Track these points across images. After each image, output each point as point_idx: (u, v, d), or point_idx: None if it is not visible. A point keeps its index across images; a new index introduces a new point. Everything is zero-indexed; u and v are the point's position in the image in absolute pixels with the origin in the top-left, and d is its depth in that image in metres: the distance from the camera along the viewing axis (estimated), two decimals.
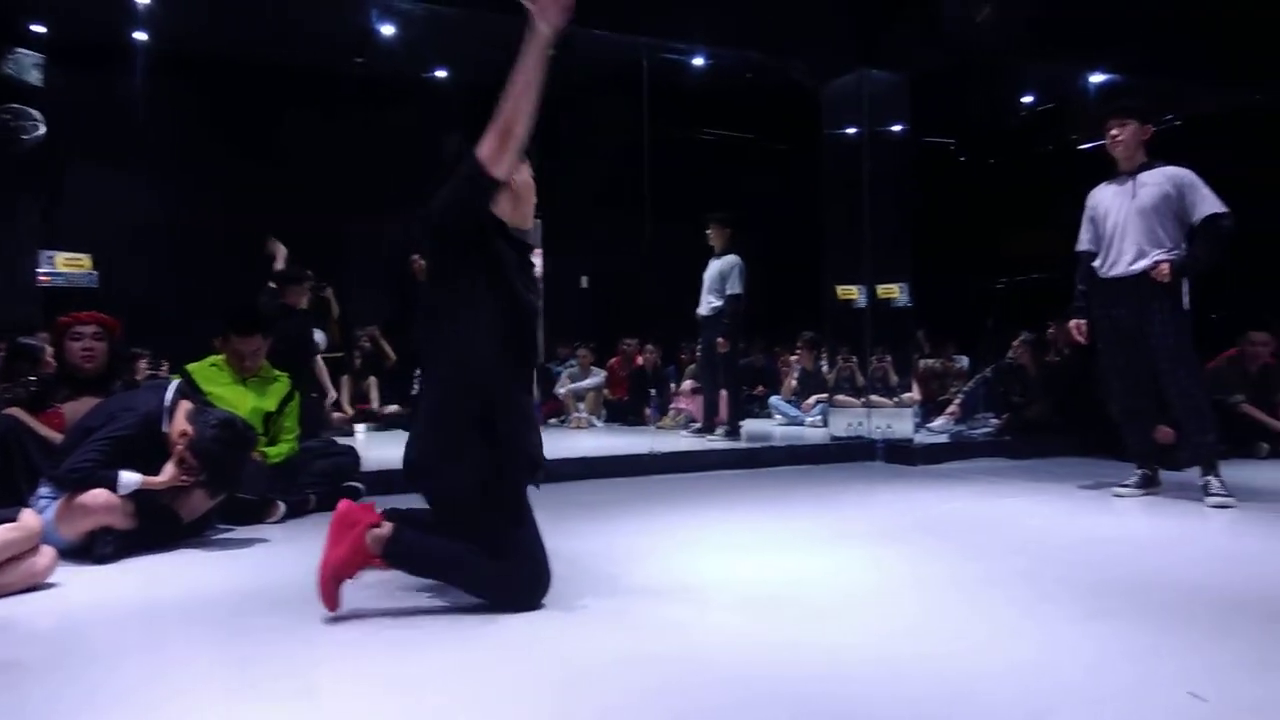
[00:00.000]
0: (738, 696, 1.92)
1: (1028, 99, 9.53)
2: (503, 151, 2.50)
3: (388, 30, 7.50)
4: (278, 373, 4.37)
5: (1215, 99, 8.42)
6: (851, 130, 6.90)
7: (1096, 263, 4.51)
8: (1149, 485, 4.54)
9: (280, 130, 8.75)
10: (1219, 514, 4.03)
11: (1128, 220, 4.36)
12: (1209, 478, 4.25)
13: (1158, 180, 4.32)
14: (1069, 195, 4.88)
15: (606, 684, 2.02)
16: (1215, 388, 5.44)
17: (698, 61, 7.95)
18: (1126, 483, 4.56)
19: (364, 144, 8.80)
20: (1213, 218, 4.20)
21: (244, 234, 7.69)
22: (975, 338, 8.60)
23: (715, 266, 6.97)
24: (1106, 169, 4.61)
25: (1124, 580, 2.87)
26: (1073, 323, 4.62)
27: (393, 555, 2.57)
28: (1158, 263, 4.22)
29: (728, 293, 6.81)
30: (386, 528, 2.56)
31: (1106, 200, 4.50)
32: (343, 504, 2.62)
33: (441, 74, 9.37)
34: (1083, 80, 8.30)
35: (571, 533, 3.76)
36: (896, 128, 6.77)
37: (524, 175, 2.72)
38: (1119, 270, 4.38)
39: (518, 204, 2.69)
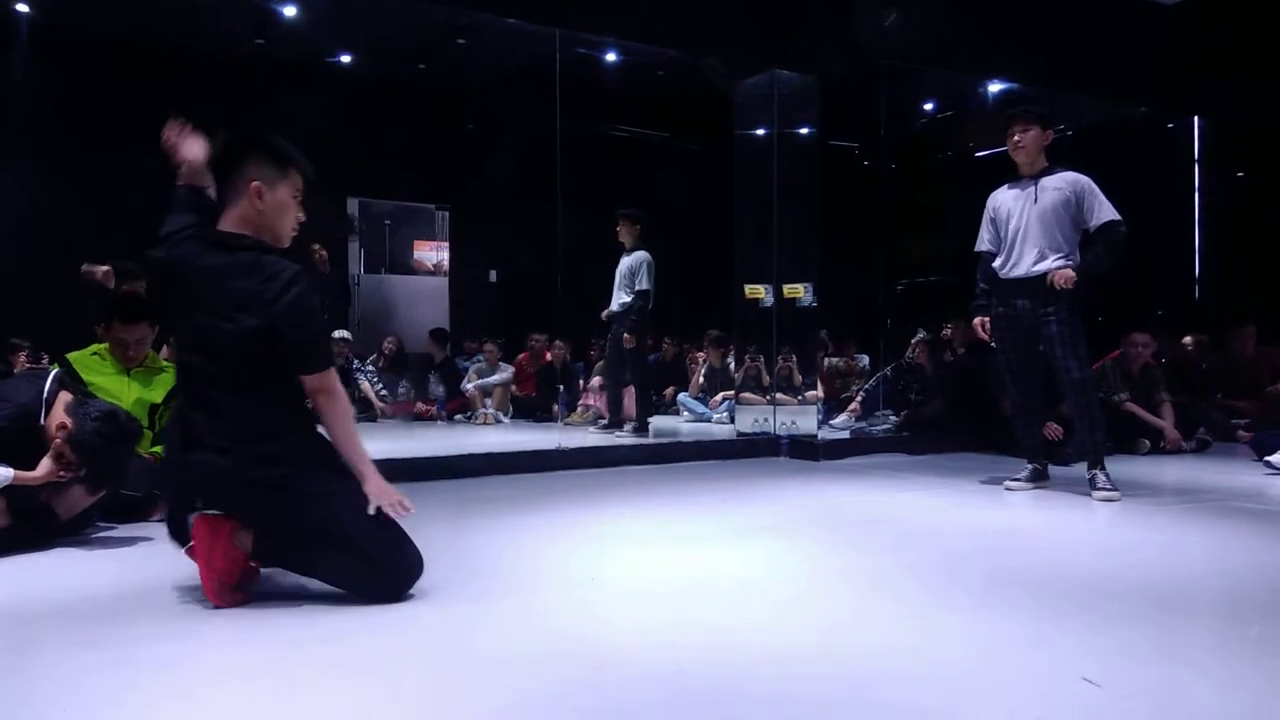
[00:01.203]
0: (644, 694, 1.90)
1: (929, 106, 9.82)
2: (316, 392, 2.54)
3: (289, 12, 7.26)
4: (165, 363, 4.17)
5: (1103, 111, 8.82)
6: (761, 131, 6.97)
7: (997, 263, 4.63)
8: (1038, 479, 4.70)
9: (170, 113, 8.36)
10: (1105, 507, 4.21)
11: (1029, 223, 4.49)
12: (1095, 472, 4.42)
13: (1058, 185, 4.46)
14: (966, 201, 5.03)
15: (511, 681, 1.98)
16: (1100, 386, 5.69)
17: (611, 57, 7.94)
18: (1017, 477, 4.71)
19: (261, 128, 8.49)
20: (1110, 224, 4.35)
21: (129, 220, 7.35)
22: (876, 337, 8.81)
23: (625, 263, 6.97)
24: (1003, 176, 4.75)
25: (1016, 571, 2.96)
26: (976, 320, 4.75)
27: (262, 553, 2.55)
28: (1060, 269, 4.35)
29: (637, 288, 6.83)
30: (248, 530, 2.53)
31: (1008, 203, 4.61)
32: (197, 518, 2.53)
33: (345, 59, 9.13)
34: (981, 90, 8.58)
35: (476, 529, 3.70)
36: (805, 130, 6.87)
37: (280, 195, 2.59)
38: (1020, 271, 4.51)
39: (275, 223, 2.59)
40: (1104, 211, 4.37)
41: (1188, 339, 7.61)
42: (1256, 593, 2.74)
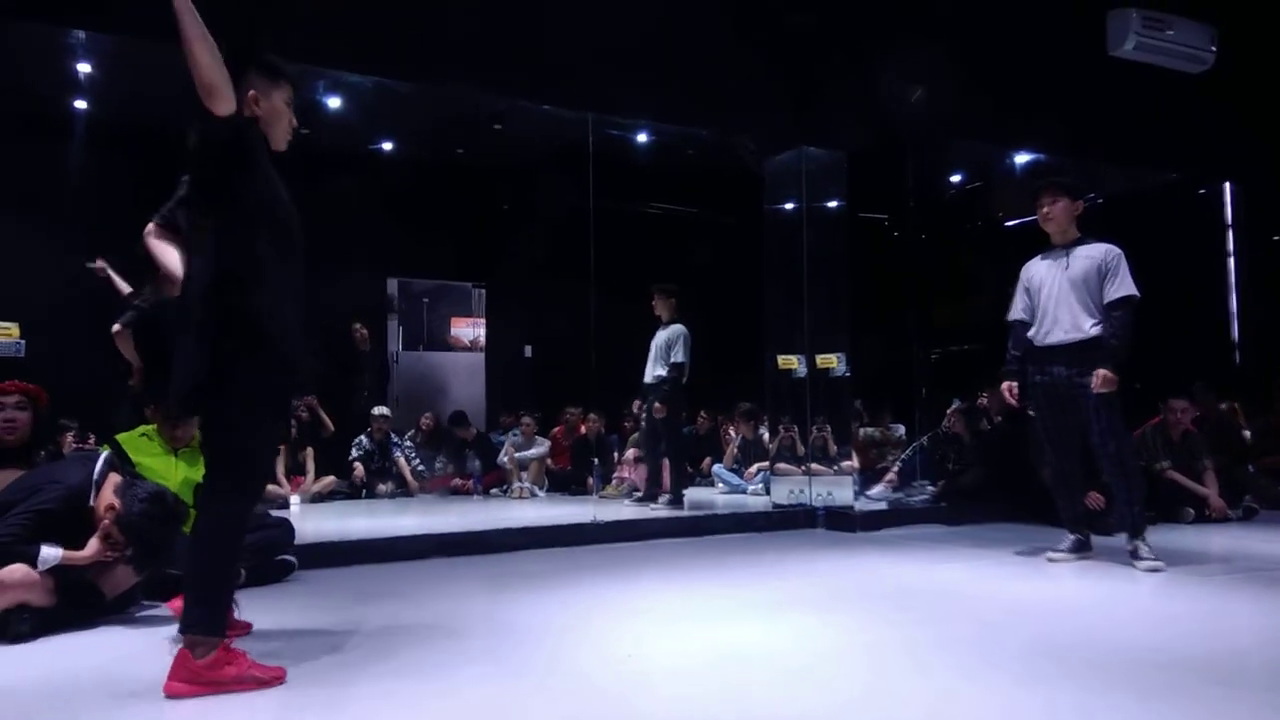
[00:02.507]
0: None
1: (957, 178, 9.91)
2: (209, 96, 2.49)
3: (334, 103, 7.57)
4: None
5: (1133, 179, 8.85)
6: (790, 205, 7.09)
7: (1032, 331, 4.65)
8: (1081, 550, 4.63)
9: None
10: (1149, 577, 4.13)
11: (1061, 291, 4.52)
12: (1138, 542, 4.36)
13: (1090, 254, 4.50)
14: (996, 269, 5.07)
15: None
16: (1141, 454, 5.61)
17: (642, 137, 8.14)
18: (1059, 548, 4.64)
19: (305, 213, 8.78)
20: (1120, 301, 4.38)
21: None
22: (911, 406, 8.77)
23: (662, 336, 7.07)
24: (1031, 244, 4.79)
25: (1055, 644, 2.92)
26: (1005, 384, 4.75)
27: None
28: (1096, 374, 4.30)
29: (672, 360, 6.90)
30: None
31: (1041, 273, 4.65)
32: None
33: (386, 145, 9.45)
34: (1009, 160, 8.67)
35: (515, 603, 3.72)
36: (834, 203, 6.98)
37: (274, 101, 2.80)
38: (1054, 339, 4.53)
39: (271, 128, 2.80)
40: (1121, 287, 4.40)
41: (1224, 405, 7.49)
42: None
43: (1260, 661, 2.79)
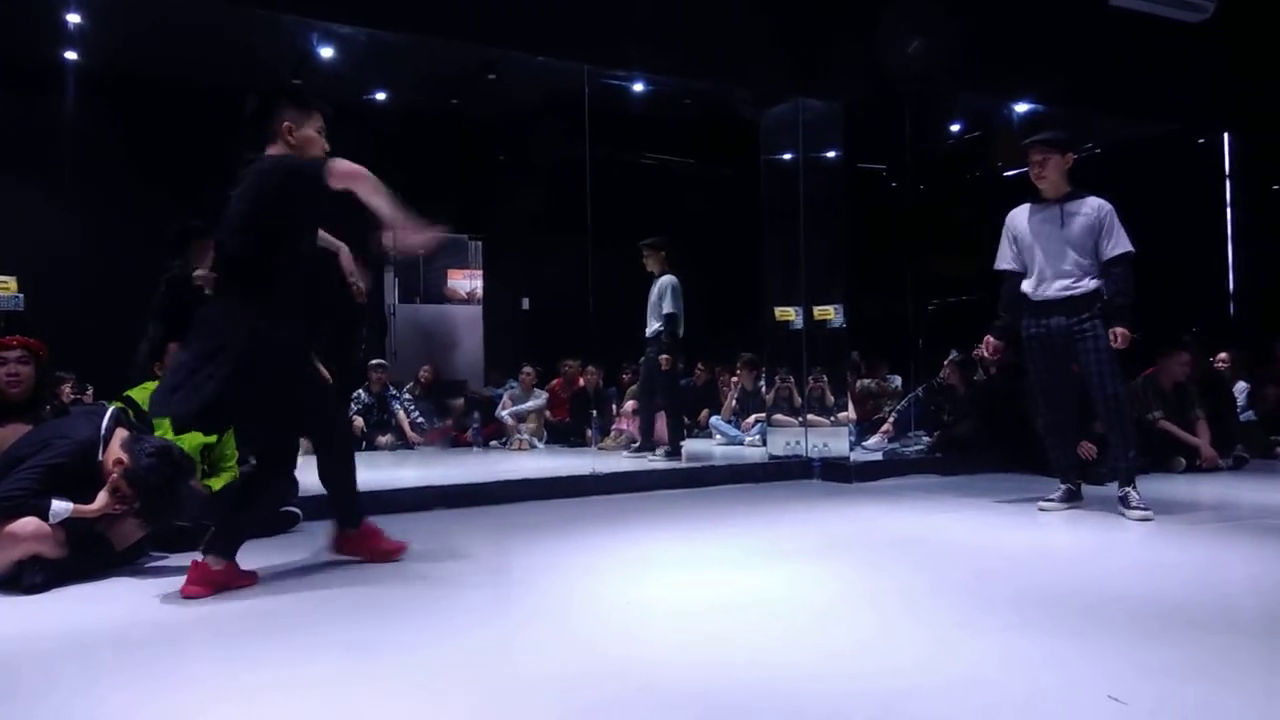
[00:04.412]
0: (681, 712, 1.97)
1: (955, 128, 9.84)
2: (348, 181, 3.08)
3: (326, 53, 7.47)
4: None
5: (1132, 128, 8.80)
6: (788, 156, 7.06)
7: (1028, 286, 4.65)
8: (1072, 499, 4.71)
9: (216, 154, 8.60)
10: (1139, 526, 4.21)
11: (1057, 248, 4.53)
12: (1128, 490, 4.43)
13: (1085, 211, 4.51)
14: (995, 221, 5.06)
15: (555, 699, 2.06)
16: (1134, 405, 5.67)
17: (638, 87, 8.06)
18: (1050, 497, 4.72)
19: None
20: (1121, 258, 4.43)
21: (172, 254, 7.56)
22: (907, 358, 8.81)
23: (654, 290, 7.09)
24: (1029, 195, 4.79)
25: (1047, 591, 2.99)
26: (988, 338, 4.82)
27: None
28: (1115, 333, 4.36)
29: (663, 312, 6.93)
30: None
31: (1033, 226, 4.64)
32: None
33: (380, 96, 9.35)
34: (1008, 110, 8.60)
35: (515, 553, 3.79)
36: (831, 154, 6.95)
37: (306, 130, 3.22)
38: (1051, 294, 4.54)
39: (304, 154, 3.20)
40: (1118, 244, 4.44)
41: (1222, 355, 7.54)
42: None
43: (1249, 608, 2.87)
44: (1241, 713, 1.92)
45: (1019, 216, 4.75)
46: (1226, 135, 9.04)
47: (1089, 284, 4.47)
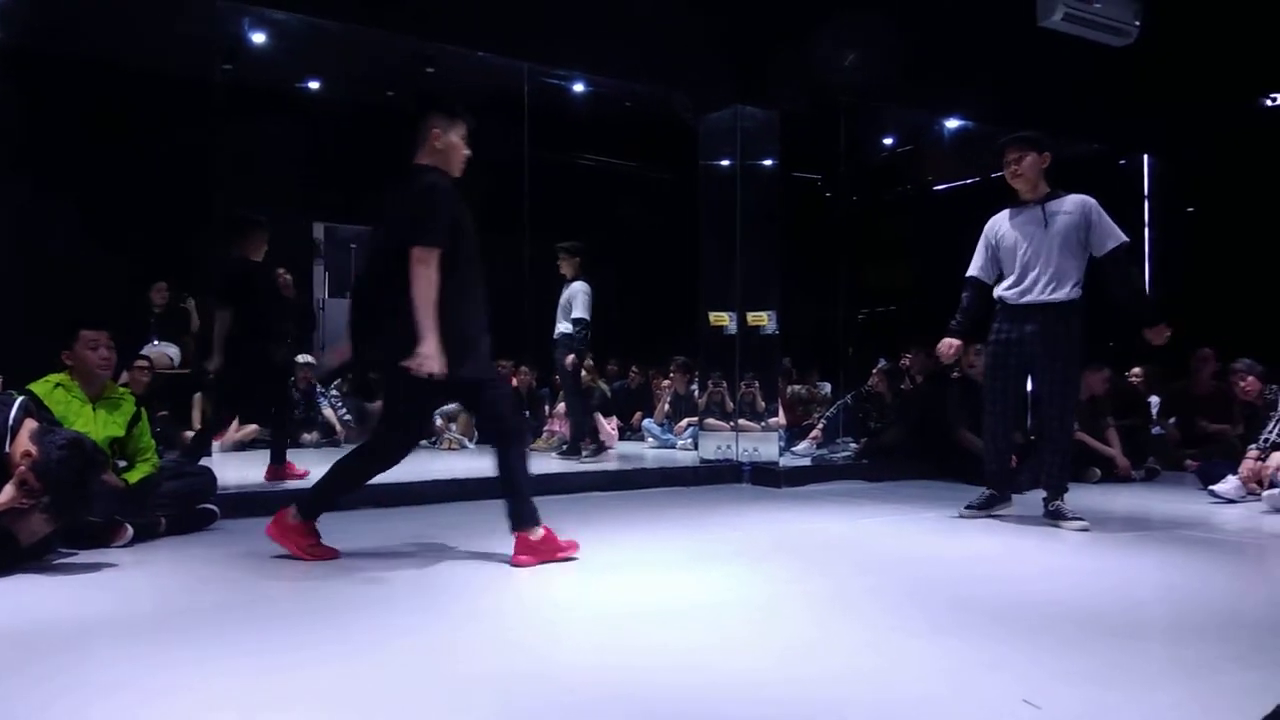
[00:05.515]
0: (612, 717, 1.96)
1: (888, 142, 10.04)
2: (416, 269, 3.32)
3: (258, 39, 7.29)
4: (122, 389, 4.16)
5: (1057, 147, 9.05)
6: (726, 162, 7.11)
7: (1007, 289, 4.57)
8: (993, 505, 4.72)
9: (140, 135, 8.34)
10: (1058, 533, 4.31)
11: (1042, 250, 4.45)
12: (1058, 503, 4.50)
13: (1069, 210, 4.46)
14: (925, 234, 5.17)
15: (485, 703, 2.02)
16: None
17: (579, 88, 8.04)
18: (973, 503, 4.77)
19: (229, 152, 8.50)
20: (1119, 249, 4.41)
21: (96, 242, 7.30)
22: (837, 365, 8.96)
23: (565, 294, 7.10)
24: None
25: (973, 596, 3.06)
26: (945, 340, 4.76)
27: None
28: (1157, 330, 4.45)
29: (574, 316, 6.95)
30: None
31: (1016, 228, 4.57)
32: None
33: (313, 85, 9.16)
34: (939, 126, 8.80)
35: (445, 555, 3.74)
36: (768, 162, 7.02)
37: (452, 137, 3.51)
38: (1032, 298, 4.47)
39: (449, 158, 3.53)
40: (1112, 236, 4.40)
41: (1136, 370, 7.81)
42: (1197, 618, 2.85)
43: (1160, 615, 2.97)
44: (1150, 717, 1.98)
45: (999, 221, 4.68)
46: (1146, 157, 9.39)
47: (1071, 291, 4.40)
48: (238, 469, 5.83)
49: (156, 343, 7.78)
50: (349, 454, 3.76)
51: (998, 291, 4.64)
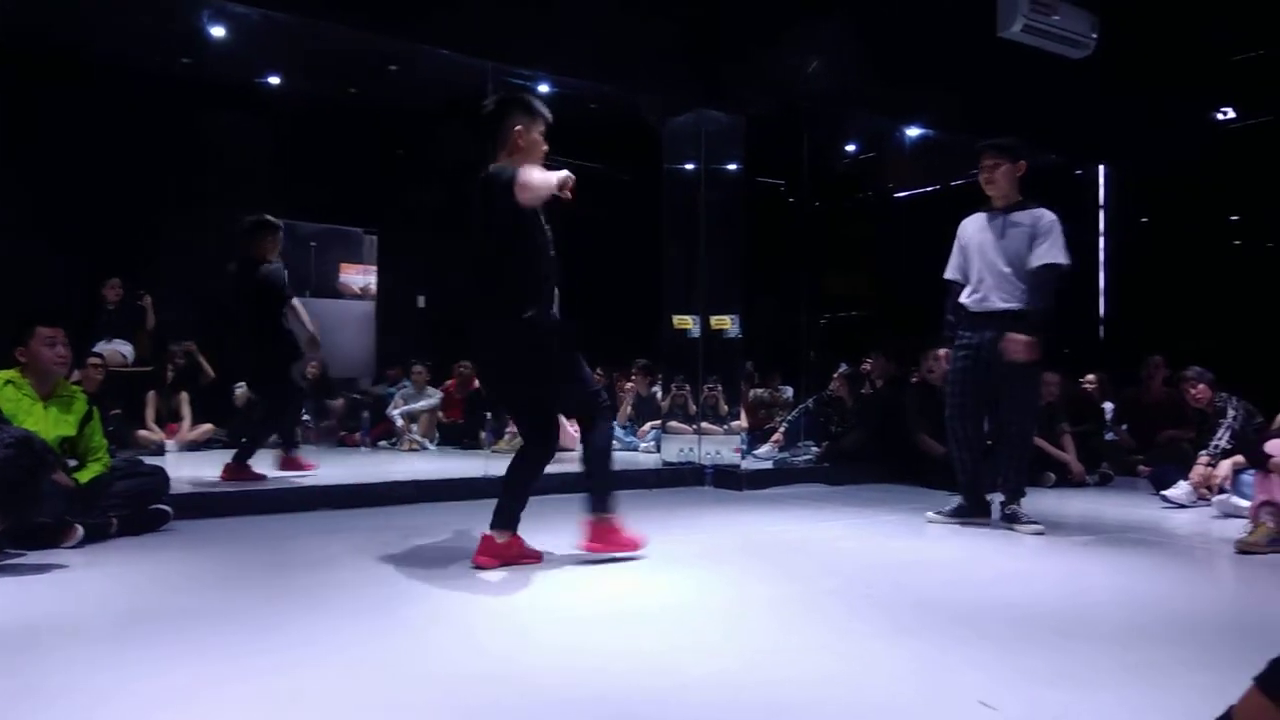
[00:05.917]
0: (579, 718, 1.95)
1: (851, 148, 10.13)
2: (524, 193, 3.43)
3: (218, 32, 7.17)
4: (74, 387, 4.07)
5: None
6: (690, 166, 7.13)
7: (965, 296, 4.61)
8: (962, 515, 4.69)
9: (95, 128, 8.18)
10: (1017, 537, 4.38)
11: (993, 259, 4.50)
12: (1015, 507, 4.57)
13: (1024, 221, 4.50)
14: (886, 240, 5.22)
15: (452, 704, 2.00)
16: None
17: (543, 88, 8.01)
18: (943, 510, 4.76)
19: (186, 146, 8.36)
20: (1043, 268, 4.40)
21: (46, 238, 7.13)
22: (799, 369, 9.01)
23: None
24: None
25: (931, 599, 3.09)
26: (943, 351, 4.80)
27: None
28: (1009, 338, 4.34)
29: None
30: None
31: (977, 234, 4.61)
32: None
33: (274, 80, 9.03)
34: (900, 134, 8.90)
35: (409, 556, 3.70)
36: (732, 166, 7.05)
37: (533, 134, 3.59)
38: (986, 307, 4.52)
39: (530, 155, 3.57)
40: (1046, 254, 4.40)
41: (1090, 377, 7.95)
42: (1148, 621, 2.90)
43: (1110, 617, 3.02)
44: (1103, 717, 2.01)
45: (967, 225, 4.71)
46: (1102, 168, 9.57)
47: (1011, 305, 4.43)
48: (192, 469, 5.73)
49: (110, 340, 7.63)
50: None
51: (961, 298, 4.68)
